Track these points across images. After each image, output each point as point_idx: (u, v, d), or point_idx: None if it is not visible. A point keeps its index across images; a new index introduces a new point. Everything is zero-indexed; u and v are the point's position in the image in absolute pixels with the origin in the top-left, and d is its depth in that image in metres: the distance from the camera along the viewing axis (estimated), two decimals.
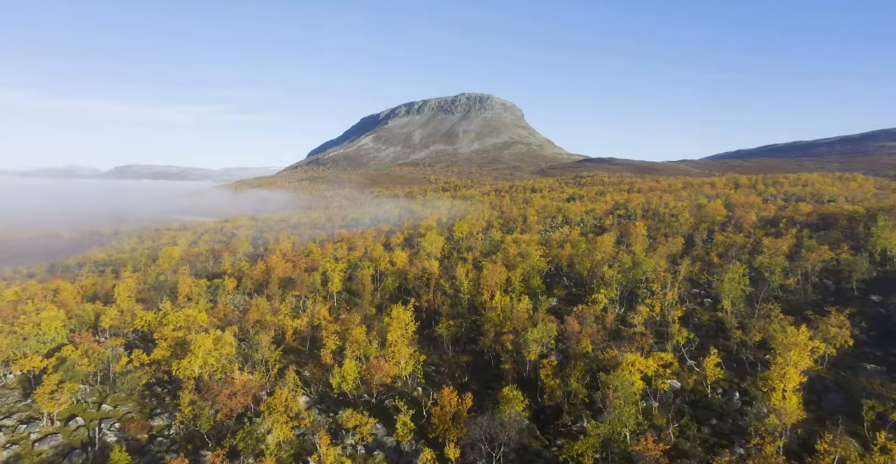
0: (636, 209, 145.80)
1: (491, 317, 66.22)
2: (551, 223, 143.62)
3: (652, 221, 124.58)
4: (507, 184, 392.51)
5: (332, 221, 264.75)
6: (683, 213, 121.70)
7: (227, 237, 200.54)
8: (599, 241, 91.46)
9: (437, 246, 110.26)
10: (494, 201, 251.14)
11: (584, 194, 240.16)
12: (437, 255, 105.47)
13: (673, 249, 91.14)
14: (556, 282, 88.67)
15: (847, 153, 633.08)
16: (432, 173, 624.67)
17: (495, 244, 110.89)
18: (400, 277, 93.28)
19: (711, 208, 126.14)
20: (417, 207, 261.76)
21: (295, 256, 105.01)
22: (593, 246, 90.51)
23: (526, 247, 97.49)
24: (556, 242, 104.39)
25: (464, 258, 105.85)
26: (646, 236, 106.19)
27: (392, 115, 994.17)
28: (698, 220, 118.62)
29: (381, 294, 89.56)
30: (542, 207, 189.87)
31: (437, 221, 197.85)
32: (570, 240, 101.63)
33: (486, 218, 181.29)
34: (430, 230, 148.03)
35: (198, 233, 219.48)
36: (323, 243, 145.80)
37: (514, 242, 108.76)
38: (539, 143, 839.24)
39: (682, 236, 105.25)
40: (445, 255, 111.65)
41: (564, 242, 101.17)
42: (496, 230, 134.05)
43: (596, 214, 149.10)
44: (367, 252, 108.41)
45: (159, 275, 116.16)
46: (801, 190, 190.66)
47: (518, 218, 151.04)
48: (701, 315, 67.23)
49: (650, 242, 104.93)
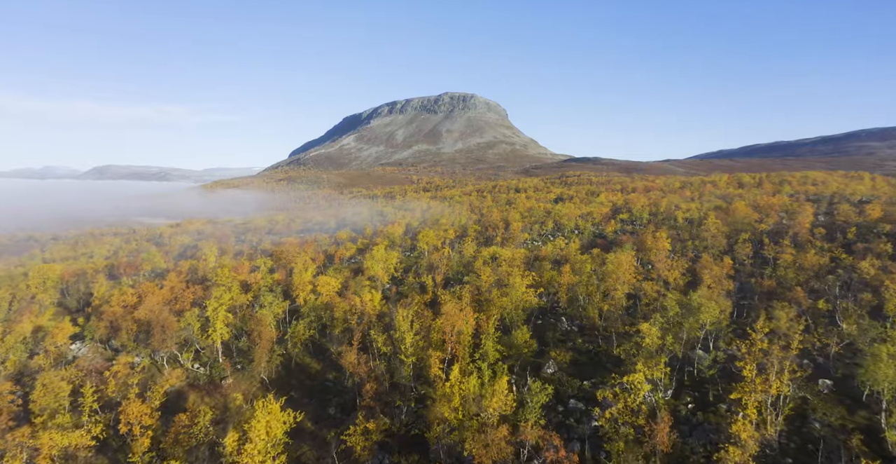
0: (642, 213, 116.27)
1: (440, 413, 35.66)
2: (539, 231, 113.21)
3: (669, 229, 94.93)
4: (491, 184, 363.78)
5: (294, 224, 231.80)
6: (709, 218, 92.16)
7: (159, 245, 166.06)
8: (613, 261, 60.93)
9: (389, 264, 78.93)
10: (474, 203, 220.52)
11: (573, 195, 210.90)
12: (384, 280, 74.10)
13: (725, 284, 60.76)
14: (552, 326, 58.16)
15: (829, 153, 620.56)
16: (415, 173, 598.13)
17: (467, 262, 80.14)
18: (322, 316, 62.08)
19: (741, 212, 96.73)
20: (389, 210, 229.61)
21: (180, 285, 72.74)
22: (606, 271, 60.23)
23: (507, 268, 66.96)
24: (549, 261, 74.01)
25: (421, 284, 74.57)
26: (668, 250, 76.50)
27: (375, 114, 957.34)
28: (730, 227, 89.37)
29: (292, 343, 58.28)
30: (527, 209, 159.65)
31: (407, 225, 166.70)
32: (570, 258, 71.11)
33: (462, 223, 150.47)
34: (393, 235, 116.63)
35: (128, 240, 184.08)
36: (254, 256, 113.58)
37: (491, 259, 77.91)
38: (523, 143, 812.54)
39: (719, 251, 75.70)
40: (399, 278, 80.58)
41: (561, 261, 70.77)
42: (470, 241, 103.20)
43: (594, 218, 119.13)
44: (291, 274, 76.46)
45: (11, 302, 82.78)
46: (821, 189, 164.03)
47: (499, 223, 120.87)
48: (824, 413, 36.54)
49: (673, 258, 75.41)
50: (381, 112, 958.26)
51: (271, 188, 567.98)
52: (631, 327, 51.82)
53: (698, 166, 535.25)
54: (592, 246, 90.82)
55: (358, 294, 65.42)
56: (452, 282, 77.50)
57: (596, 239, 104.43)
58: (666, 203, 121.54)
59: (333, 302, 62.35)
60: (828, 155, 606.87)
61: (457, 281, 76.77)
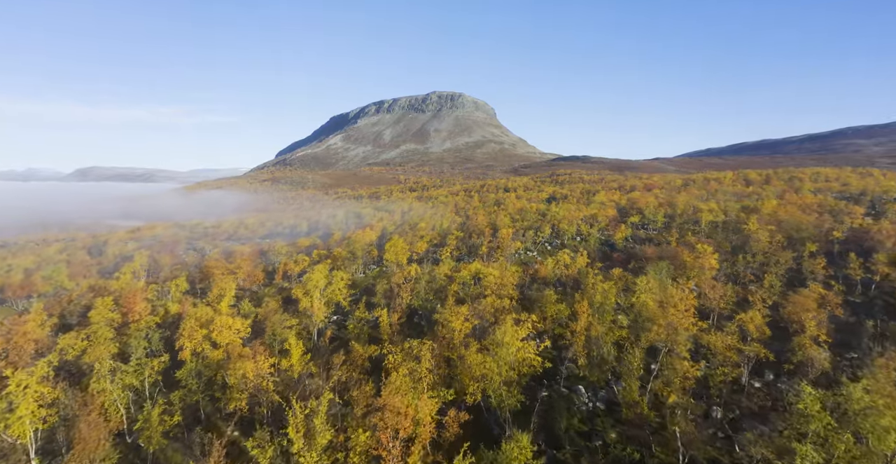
0: (656, 215, 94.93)
1: None
2: (534, 238, 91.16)
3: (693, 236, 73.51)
4: (479, 183, 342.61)
5: (265, 227, 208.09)
6: (750, 222, 70.75)
7: (96, 255, 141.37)
8: (671, 299, 38.90)
9: (334, 291, 56.30)
10: (460, 204, 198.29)
11: (567, 194, 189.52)
12: (318, 317, 51.27)
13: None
14: (564, 402, 35.99)
15: (816, 151, 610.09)
16: (402, 173, 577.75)
17: (440, 287, 57.87)
18: (214, 383, 39.60)
19: (791, 215, 75.20)
20: (368, 211, 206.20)
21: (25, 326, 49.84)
22: (645, 309, 38.41)
23: (494, 302, 45.03)
24: (551, 285, 52.09)
25: (373, 321, 52.12)
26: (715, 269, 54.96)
27: (362, 114, 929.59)
28: (782, 233, 67.95)
29: (146, 437, 35.71)
30: (518, 210, 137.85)
31: (383, 230, 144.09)
32: (583, 283, 49.15)
33: (444, 227, 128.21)
34: (355, 245, 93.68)
35: (64, 248, 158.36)
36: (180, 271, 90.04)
37: (472, 280, 55.71)
38: (512, 142, 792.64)
39: (785, 270, 54.34)
40: (348, 308, 58.06)
41: (567, 282, 48.86)
42: (448, 253, 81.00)
43: (598, 221, 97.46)
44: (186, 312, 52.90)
45: None
46: (839, 186, 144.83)
47: (485, 228, 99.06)
48: None
49: (723, 280, 54.06)
50: (368, 111, 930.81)
51: (255, 189, 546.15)
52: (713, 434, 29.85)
53: (689, 164, 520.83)
54: (605, 258, 69.07)
55: (273, 344, 42.88)
56: (419, 315, 55.28)
57: (604, 248, 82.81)
58: (683, 203, 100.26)
59: (232, 360, 39.70)
60: (815, 153, 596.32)
61: (427, 310, 54.75)
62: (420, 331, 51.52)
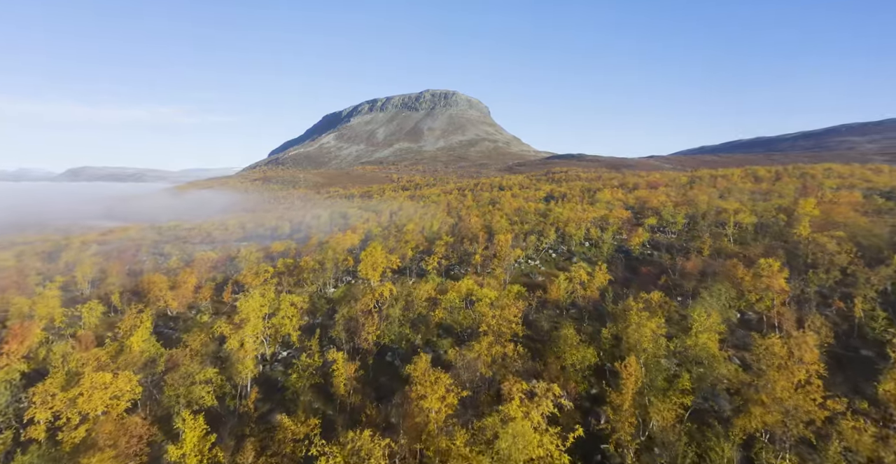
0: (676, 216, 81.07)
1: None
2: (536, 244, 76.94)
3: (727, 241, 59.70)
4: (473, 182, 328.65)
5: (245, 228, 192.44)
6: (800, 226, 57.11)
7: (48, 262, 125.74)
8: (772, 354, 24.99)
9: (283, 324, 41.95)
10: (453, 203, 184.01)
11: (566, 192, 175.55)
12: (248, 367, 36.64)
13: None
14: None
15: (810, 148, 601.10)
16: (395, 172, 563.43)
17: (416, 317, 43.67)
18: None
19: (853, 221, 61.37)
20: (354, 211, 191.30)
21: None
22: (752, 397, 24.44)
23: (492, 348, 31.01)
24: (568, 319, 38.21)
25: (324, 371, 37.71)
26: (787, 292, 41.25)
27: (355, 112, 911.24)
28: (851, 241, 54.32)
29: None
30: (515, 210, 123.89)
31: (367, 233, 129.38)
32: (618, 318, 35.07)
33: (434, 229, 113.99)
34: (327, 253, 78.82)
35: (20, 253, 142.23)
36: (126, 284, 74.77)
37: (462, 303, 41.65)
38: (506, 140, 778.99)
39: (875, 291, 40.71)
40: (297, 344, 43.66)
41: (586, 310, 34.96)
42: (434, 264, 66.69)
43: (611, 223, 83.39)
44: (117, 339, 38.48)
45: None
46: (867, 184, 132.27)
47: (480, 231, 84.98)
48: None
49: (811, 314, 40.48)
50: (361, 110, 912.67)
51: (245, 188, 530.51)
52: None
53: (684, 162, 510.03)
54: (628, 270, 55.09)
55: (175, 412, 28.52)
56: (393, 351, 41.09)
57: (618, 256, 68.84)
58: (706, 202, 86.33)
59: (84, 454, 25.35)
60: (809, 150, 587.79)
61: (403, 349, 40.70)
62: (392, 375, 37.46)
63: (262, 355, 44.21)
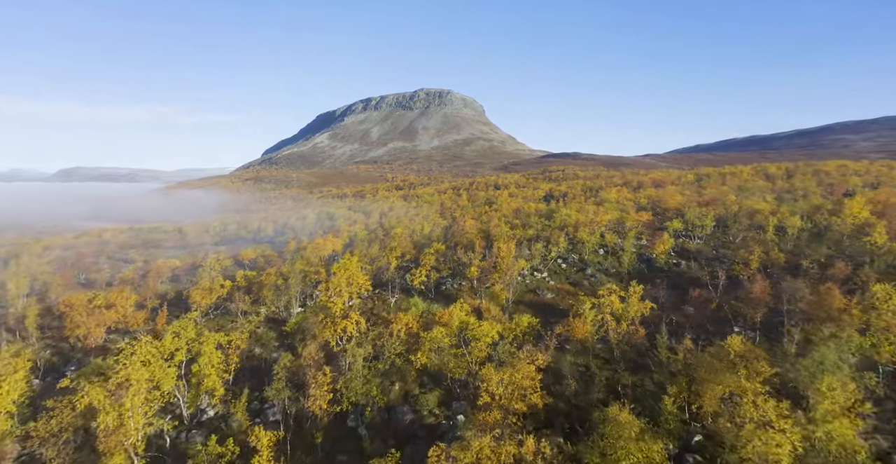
0: (704, 221, 68.93)
1: None
2: (544, 252, 64.41)
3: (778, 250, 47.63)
4: (468, 181, 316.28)
5: (227, 230, 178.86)
6: (875, 232, 45.30)
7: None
8: None
9: (206, 372, 29.52)
10: (447, 203, 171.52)
11: (566, 191, 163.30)
12: (136, 445, 24.39)
13: None
14: None
15: (805, 146, 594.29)
16: (390, 171, 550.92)
17: (389, 369, 31.28)
18: None
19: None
20: (343, 212, 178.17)
21: None
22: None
23: (494, 445, 19.13)
24: (602, 371, 26.03)
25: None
26: None
27: (349, 111, 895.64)
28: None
29: None
30: (514, 211, 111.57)
31: (352, 237, 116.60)
32: (681, 371, 22.86)
33: (426, 233, 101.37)
34: (297, 263, 65.84)
35: None
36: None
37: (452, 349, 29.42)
38: (501, 139, 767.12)
39: None
40: (221, 408, 30.99)
41: (621, 354, 22.79)
42: (421, 277, 54.11)
43: (628, 227, 71.11)
44: None
45: None
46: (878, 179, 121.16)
47: (476, 236, 72.65)
48: None
49: None
50: (355, 109, 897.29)
51: (237, 188, 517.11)
52: None
53: (681, 161, 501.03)
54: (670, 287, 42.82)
55: None
56: (356, 412, 28.64)
57: (640, 267, 56.61)
58: (736, 202, 74.25)
59: None
60: (804, 148, 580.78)
61: (369, 418, 28.37)
62: (353, 451, 24.98)
63: (180, 415, 31.68)
